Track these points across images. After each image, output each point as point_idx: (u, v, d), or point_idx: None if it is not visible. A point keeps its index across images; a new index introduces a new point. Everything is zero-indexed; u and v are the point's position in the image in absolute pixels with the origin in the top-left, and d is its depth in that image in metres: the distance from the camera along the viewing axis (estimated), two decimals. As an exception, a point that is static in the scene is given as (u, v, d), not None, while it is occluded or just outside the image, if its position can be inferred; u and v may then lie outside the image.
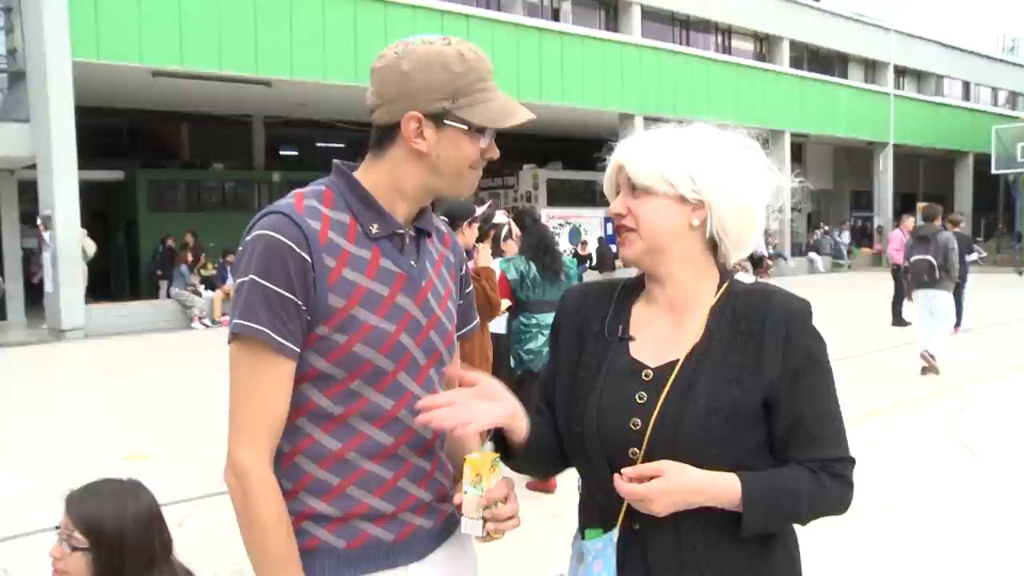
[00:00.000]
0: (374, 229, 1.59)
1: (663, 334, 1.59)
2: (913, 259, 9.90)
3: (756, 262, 27.07)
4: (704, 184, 1.53)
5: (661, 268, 1.58)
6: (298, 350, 1.52)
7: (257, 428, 1.52)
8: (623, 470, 1.48)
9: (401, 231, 1.63)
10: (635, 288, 1.69)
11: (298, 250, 1.50)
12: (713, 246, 1.60)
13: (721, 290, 1.59)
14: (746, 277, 1.61)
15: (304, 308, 1.51)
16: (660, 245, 1.56)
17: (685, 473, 1.45)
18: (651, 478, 1.44)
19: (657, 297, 1.62)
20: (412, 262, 1.64)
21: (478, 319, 1.96)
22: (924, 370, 9.71)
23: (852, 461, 1.55)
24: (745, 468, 1.49)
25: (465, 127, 1.56)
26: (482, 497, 1.56)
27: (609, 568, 1.53)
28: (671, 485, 1.44)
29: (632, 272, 1.69)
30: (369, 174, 1.62)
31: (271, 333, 1.48)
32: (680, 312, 1.59)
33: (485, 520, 1.57)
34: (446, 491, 1.72)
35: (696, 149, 1.55)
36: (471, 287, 1.89)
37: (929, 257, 9.65)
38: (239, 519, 1.56)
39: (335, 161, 1.67)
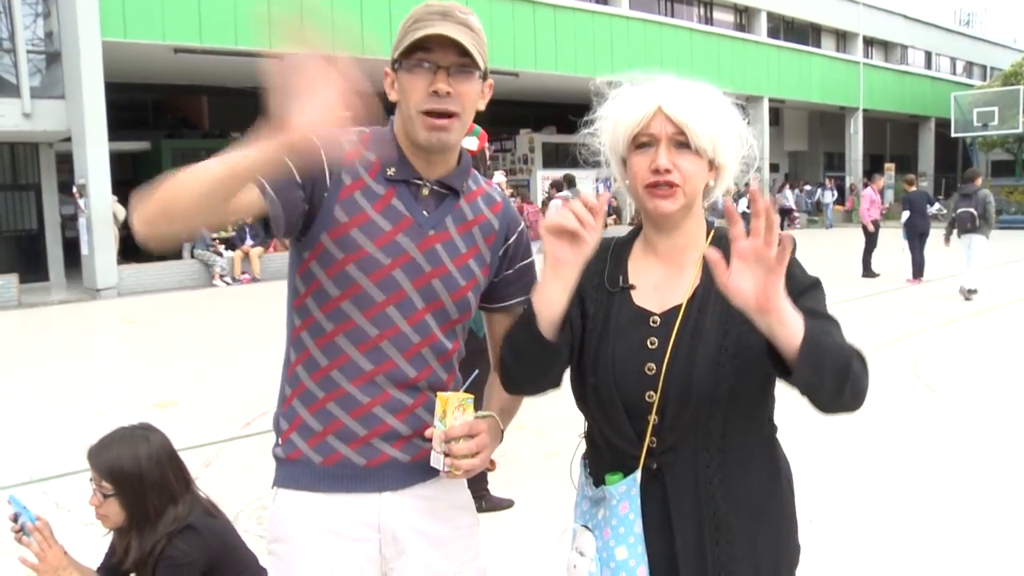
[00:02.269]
0: (390, 171, 1.60)
1: (661, 281, 1.56)
2: (959, 211, 11.63)
3: (784, 214, 27.04)
4: (725, 154, 1.52)
5: (679, 219, 1.54)
6: (274, 196, 1.46)
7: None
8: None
9: (418, 181, 1.61)
10: (628, 243, 1.65)
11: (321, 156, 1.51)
12: None
13: (710, 236, 1.57)
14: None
15: (303, 191, 1.50)
16: (692, 202, 1.52)
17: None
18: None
19: (657, 247, 1.58)
20: (425, 212, 1.61)
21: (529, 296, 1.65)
22: (970, 293, 11.41)
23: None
24: (752, 403, 1.48)
25: (399, 63, 1.55)
26: (443, 432, 1.53)
27: (635, 508, 1.49)
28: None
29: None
30: (396, 126, 1.64)
31: (265, 184, 1.44)
32: (677, 260, 1.56)
33: (446, 455, 1.54)
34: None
35: (727, 117, 1.52)
36: (528, 261, 1.76)
37: (971, 209, 11.42)
38: (158, 206, 1.32)
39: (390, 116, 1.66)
